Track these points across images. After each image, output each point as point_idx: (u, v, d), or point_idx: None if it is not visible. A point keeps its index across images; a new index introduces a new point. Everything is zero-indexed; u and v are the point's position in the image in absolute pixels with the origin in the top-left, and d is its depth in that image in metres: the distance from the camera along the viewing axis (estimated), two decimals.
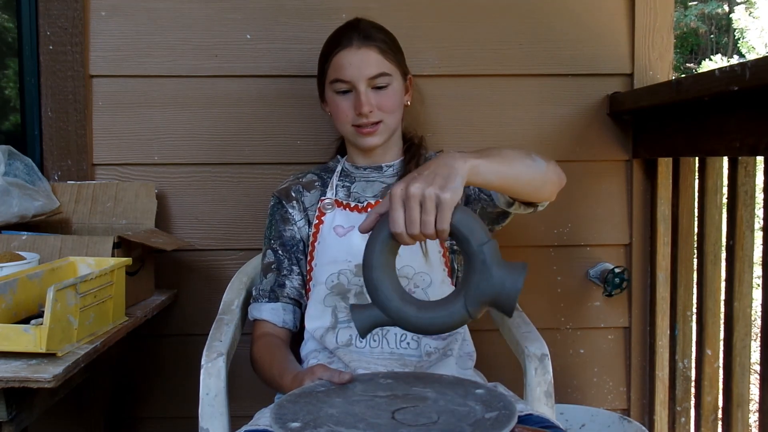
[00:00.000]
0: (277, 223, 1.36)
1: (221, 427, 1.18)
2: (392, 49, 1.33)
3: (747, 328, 1.37)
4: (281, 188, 1.39)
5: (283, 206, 1.36)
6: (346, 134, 1.34)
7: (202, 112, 1.64)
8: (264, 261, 1.36)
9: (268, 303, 1.32)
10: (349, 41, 1.30)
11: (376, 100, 1.29)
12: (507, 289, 0.89)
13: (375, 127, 1.30)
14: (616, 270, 1.66)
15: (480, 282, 0.90)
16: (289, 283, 1.32)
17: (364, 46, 1.29)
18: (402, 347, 1.23)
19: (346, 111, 1.30)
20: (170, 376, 1.67)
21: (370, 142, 1.31)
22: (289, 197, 1.37)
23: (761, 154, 1.24)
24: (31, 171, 1.49)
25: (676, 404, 1.63)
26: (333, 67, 1.32)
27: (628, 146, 1.71)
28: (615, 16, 1.69)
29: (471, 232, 0.90)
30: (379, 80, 1.29)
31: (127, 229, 1.52)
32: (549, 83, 1.69)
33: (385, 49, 1.31)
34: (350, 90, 1.29)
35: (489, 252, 0.89)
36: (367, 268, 0.93)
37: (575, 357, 1.74)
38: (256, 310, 1.32)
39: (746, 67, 1.13)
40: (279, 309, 1.31)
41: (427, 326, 0.93)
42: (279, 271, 1.33)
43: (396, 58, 1.33)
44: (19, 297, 1.14)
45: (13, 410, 1.01)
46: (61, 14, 1.59)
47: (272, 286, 1.32)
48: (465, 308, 0.91)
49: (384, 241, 0.92)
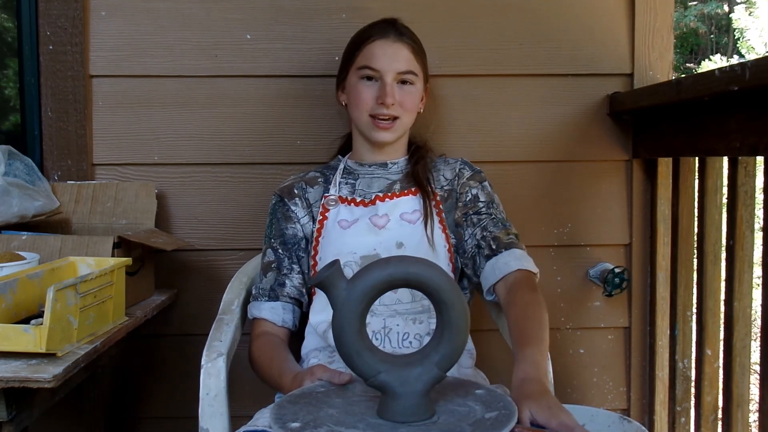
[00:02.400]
0: (278, 222, 1.36)
1: (221, 427, 1.18)
2: (421, 53, 1.37)
3: (747, 328, 1.37)
4: (283, 186, 1.39)
5: (285, 204, 1.36)
6: (361, 124, 1.35)
7: (202, 112, 1.64)
8: (264, 260, 1.36)
9: (267, 302, 1.32)
10: (386, 33, 1.34)
11: (399, 96, 1.32)
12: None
13: (392, 123, 1.32)
14: (616, 270, 1.66)
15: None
16: (289, 283, 1.32)
17: (399, 41, 1.33)
18: (404, 346, 1.24)
19: (367, 98, 1.32)
20: (170, 376, 1.67)
21: (384, 137, 1.33)
22: (292, 194, 1.37)
23: (761, 154, 1.24)
24: (31, 171, 1.49)
25: (676, 404, 1.63)
26: (364, 55, 1.34)
27: (628, 146, 1.71)
28: (615, 16, 1.69)
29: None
30: (406, 76, 1.33)
31: (127, 229, 1.52)
32: (549, 83, 1.69)
33: (417, 49, 1.35)
34: (376, 79, 1.32)
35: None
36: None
37: (575, 357, 1.74)
38: (256, 308, 1.32)
39: (746, 67, 1.13)
40: (279, 308, 1.31)
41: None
42: (279, 270, 1.33)
43: (423, 62, 1.37)
44: (19, 297, 1.13)
45: (13, 410, 1.01)
46: (61, 14, 1.59)
47: (272, 285, 1.32)
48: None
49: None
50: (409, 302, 1.24)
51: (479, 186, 1.35)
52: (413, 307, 1.24)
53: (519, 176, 1.69)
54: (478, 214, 1.32)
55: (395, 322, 1.24)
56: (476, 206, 1.33)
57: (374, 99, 1.31)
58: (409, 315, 1.24)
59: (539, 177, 1.70)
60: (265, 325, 1.31)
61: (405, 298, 1.24)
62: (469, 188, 1.35)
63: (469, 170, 1.38)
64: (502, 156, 1.68)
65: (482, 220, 1.30)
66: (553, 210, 1.71)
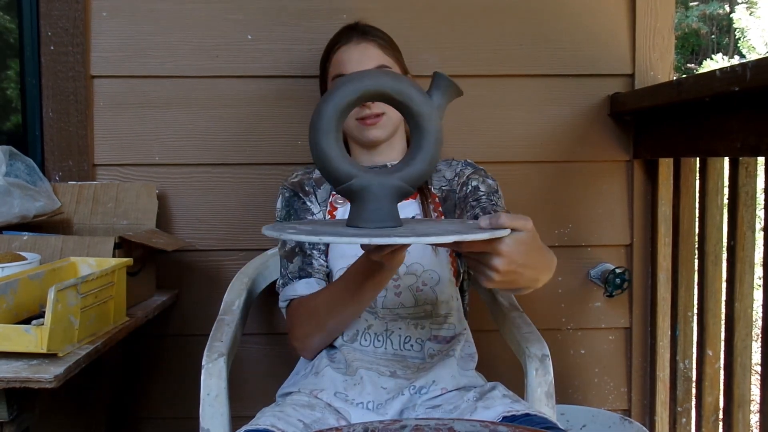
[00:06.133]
0: (297, 213, 1.32)
1: (222, 427, 1.18)
2: (391, 46, 1.36)
3: (748, 328, 1.37)
4: (294, 182, 1.36)
5: (301, 198, 1.34)
6: (351, 130, 1.34)
7: (203, 112, 1.64)
8: (284, 249, 1.30)
9: (300, 280, 1.25)
10: (348, 38, 1.33)
11: None
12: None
13: (378, 119, 1.30)
14: (617, 270, 1.66)
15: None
16: (316, 262, 1.27)
17: (364, 41, 1.32)
18: (405, 349, 1.23)
19: None
20: (171, 377, 1.67)
21: (374, 134, 1.31)
22: (305, 191, 1.35)
23: (762, 155, 1.24)
24: (33, 171, 1.50)
25: (677, 405, 1.63)
26: (334, 64, 1.34)
27: (629, 147, 1.71)
28: (616, 16, 1.69)
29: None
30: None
31: (128, 229, 1.52)
32: (550, 84, 1.69)
33: (383, 44, 1.34)
34: None
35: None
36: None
37: (576, 357, 1.74)
38: (290, 289, 1.24)
39: (747, 67, 1.13)
40: (313, 283, 1.24)
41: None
42: (304, 253, 1.28)
43: (395, 55, 1.36)
44: (20, 297, 1.14)
45: (14, 410, 1.01)
46: (62, 15, 1.59)
47: (300, 266, 1.26)
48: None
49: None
50: (411, 306, 1.24)
51: (480, 179, 1.33)
52: (416, 311, 1.24)
53: (520, 177, 1.69)
54: (478, 200, 1.29)
55: (397, 326, 1.24)
56: (476, 194, 1.30)
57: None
58: (411, 319, 1.24)
59: (540, 177, 1.70)
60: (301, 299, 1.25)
61: (408, 302, 1.24)
62: (468, 181, 1.33)
63: (471, 168, 1.37)
64: (502, 156, 1.68)
65: (482, 203, 1.28)
66: (553, 210, 1.71)
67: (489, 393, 1.16)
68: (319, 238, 0.81)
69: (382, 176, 0.90)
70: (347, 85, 0.89)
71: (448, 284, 1.26)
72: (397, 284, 1.24)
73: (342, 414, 1.16)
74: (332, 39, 1.37)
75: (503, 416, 1.08)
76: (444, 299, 1.25)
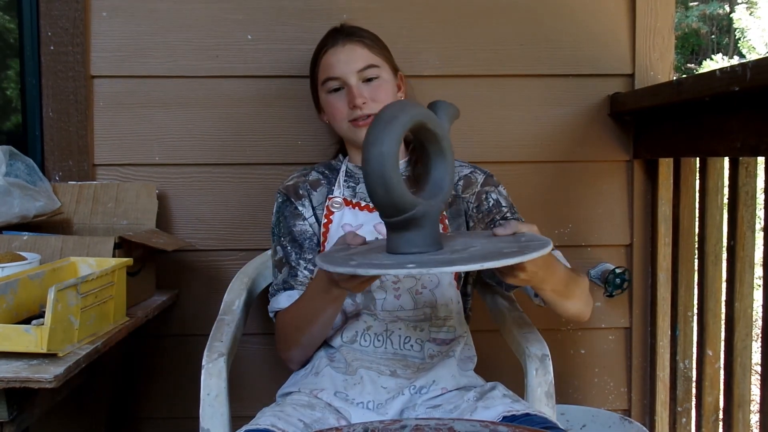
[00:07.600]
0: (287, 220, 1.34)
1: (222, 427, 1.18)
2: (378, 45, 1.35)
3: (748, 328, 1.37)
4: (288, 185, 1.37)
5: (292, 203, 1.35)
6: (345, 132, 1.34)
7: (203, 112, 1.64)
8: (275, 258, 1.34)
9: (284, 292, 1.29)
10: (335, 40, 1.33)
11: (368, 93, 1.30)
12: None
13: (369, 119, 1.29)
14: (617, 270, 1.66)
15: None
16: (301, 274, 1.30)
17: (350, 42, 1.32)
18: (406, 349, 1.23)
19: (341, 109, 1.31)
20: (171, 377, 1.67)
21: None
22: (298, 195, 1.35)
23: (762, 155, 1.24)
24: (32, 171, 1.50)
25: (677, 405, 1.63)
26: (322, 68, 1.34)
27: (629, 147, 1.71)
28: (616, 16, 1.69)
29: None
30: (368, 72, 1.30)
31: (128, 229, 1.52)
32: (550, 84, 1.69)
33: (370, 44, 1.33)
34: (342, 87, 1.31)
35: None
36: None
37: (576, 357, 1.74)
38: (275, 302, 1.30)
39: (747, 67, 1.13)
40: (295, 296, 1.28)
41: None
42: (290, 265, 1.31)
43: (383, 53, 1.35)
44: (20, 297, 1.14)
45: (14, 410, 1.01)
46: (62, 15, 1.59)
47: (285, 278, 1.30)
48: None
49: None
50: (411, 309, 1.24)
51: (496, 191, 1.35)
52: (415, 314, 1.24)
53: (520, 177, 1.69)
54: (504, 217, 1.31)
55: (397, 326, 1.24)
56: (501, 211, 1.32)
57: (347, 106, 1.30)
58: (411, 322, 1.24)
59: (540, 177, 1.70)
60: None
61: (407, 305, 1.24)
62: (487, 194, 1.34)
63: (480, 173, 1.37)
64: (502, 156, 1.68)
65: (508, 219, 1.30)
66: (553, 210, 1.71)
67: (489, 393, 1.16)
68: (407, 271, 0.83)
69: (433, 201, 0.94)
70: (401, 115, 0.89)
71: (448, 287, 1.26)
72: (396, 287, 1.24)
73: (342, 414, 1.16)
74: (319, 43, 1.37)
75: (503, 416, 1.08)
76: (443, 302, 1.25)
